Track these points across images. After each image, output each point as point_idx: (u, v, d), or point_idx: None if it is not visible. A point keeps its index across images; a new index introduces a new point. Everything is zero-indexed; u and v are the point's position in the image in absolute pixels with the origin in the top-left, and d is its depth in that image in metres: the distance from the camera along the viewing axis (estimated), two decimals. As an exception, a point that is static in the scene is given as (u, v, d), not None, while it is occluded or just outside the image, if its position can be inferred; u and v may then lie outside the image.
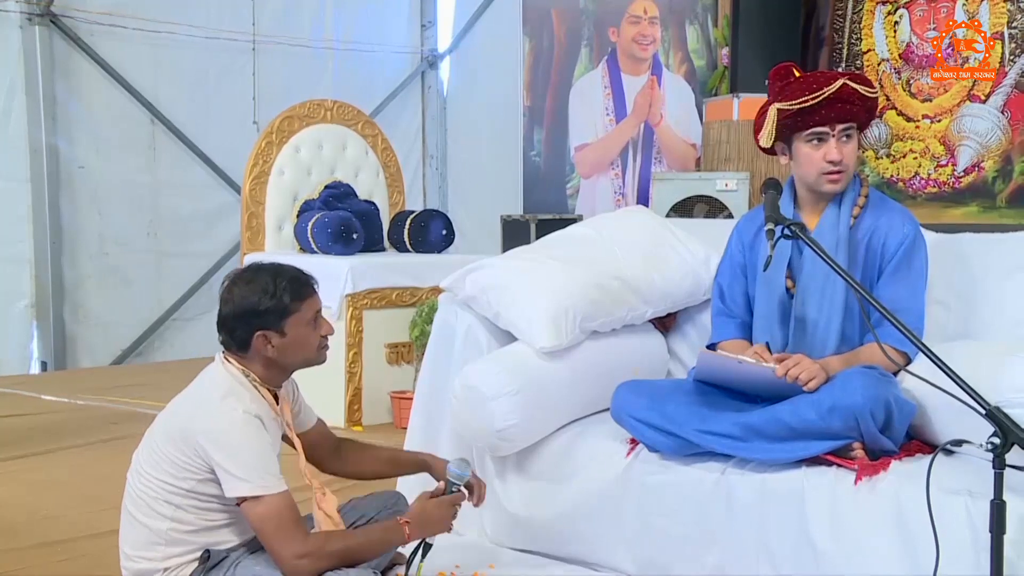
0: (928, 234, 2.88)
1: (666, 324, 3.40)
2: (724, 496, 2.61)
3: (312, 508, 2.41)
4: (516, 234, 6.09)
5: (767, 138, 2.82)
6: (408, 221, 5.40)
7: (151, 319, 6.83)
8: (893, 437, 2.50)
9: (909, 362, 2.61)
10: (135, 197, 6.72)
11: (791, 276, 2.81)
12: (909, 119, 6.00)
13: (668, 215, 5.56)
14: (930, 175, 5.94)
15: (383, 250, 5.46)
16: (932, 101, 5.92)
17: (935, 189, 5.93)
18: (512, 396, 2.85)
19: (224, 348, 2.36)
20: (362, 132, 5.67)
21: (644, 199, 6.52)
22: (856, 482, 2.43)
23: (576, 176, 7.05)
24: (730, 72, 6.26)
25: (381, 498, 2.61)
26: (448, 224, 5.46)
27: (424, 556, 2.45)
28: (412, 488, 2.83)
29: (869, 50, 6.12)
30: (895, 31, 6.04)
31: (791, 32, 6.09)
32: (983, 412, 1.97)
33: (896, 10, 6.03)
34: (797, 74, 2.78)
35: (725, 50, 6.37)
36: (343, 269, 4.75)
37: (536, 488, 2.98)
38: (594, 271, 3.15)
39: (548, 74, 7.16)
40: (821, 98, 2.69)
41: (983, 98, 5.73)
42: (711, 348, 2.95)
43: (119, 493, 2.36)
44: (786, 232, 2.48)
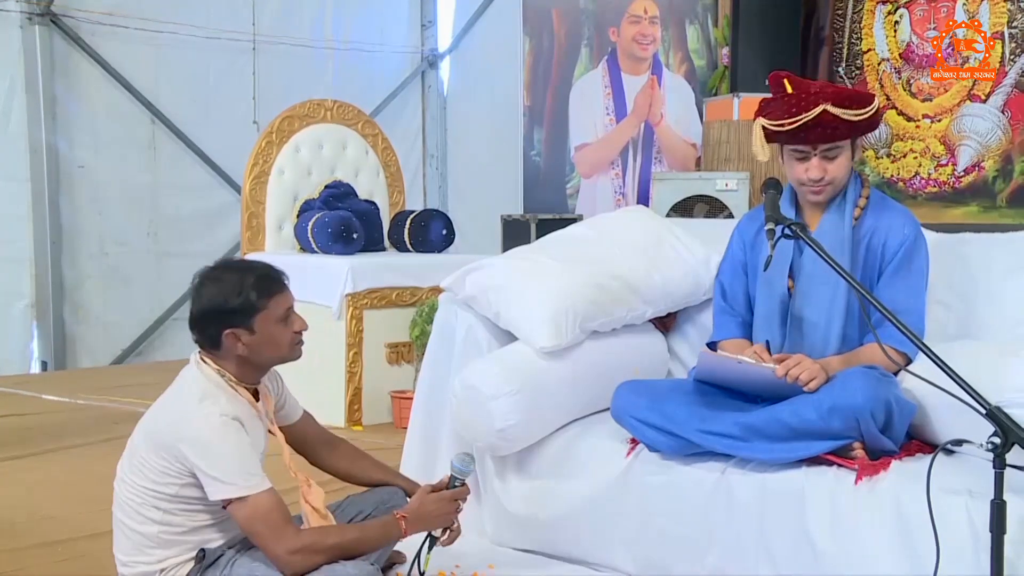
0: (928, 234, 2.88)
1: (666, 324, 3.40)
2: (724, 496, 2.60)
3: (300, 507, 2.40)
4: (516, 234, 6.08)
5: (759, 150, 2.83)
6: (408, 221, 5.40)
7: (151, 319, 6.82)
8: (893, 437, 2.50)
9: (909, 362, 2.60)
10: (135, 197, 6.71)
11: (792, 276, 2.81)
12: (909, 119, 5.99)
13: (668, 215, 5.56)
14: (930, 175, 5.94)
15: (383, 250, 5.46)
16: (932, 101, 5.92)
17: (935, 189, 5.92)
18: (512, 396, 2.86)
19: (199, 347, 2.36)
20: (362, 132, 5.67)
21: (644, 199, 6.51)
22: (856, 482, 2.43)
23: (576, 176, 7.04)
24: (730, 72, 6.26)
25: (379, 494, 2.59)
26: (448, 224, 5.46)
27: (431, 548, 2.43)
28: (416, 479, 2.79)
29: (869, 50, 6.12)
30: (895, 31, 6.04)
31: (791, 32, 6.08)
32: (983, 412, 1.97)
33: (896, 10, 6.03)
34: (788, 87, 2.72)
35: (725, 50, 6.36)
36: (343, 269, 4.75)
37: (536, 488, 2.97)
38: (594, 271, 3.15)
39: (548, 74, 7.15)
40: (798, 124, 2.67)
41: (983, 98, 5.73)
42: (712, 346, 2.95)
43: (119, 493, 2.35)
44: (786, 232, 2.48)
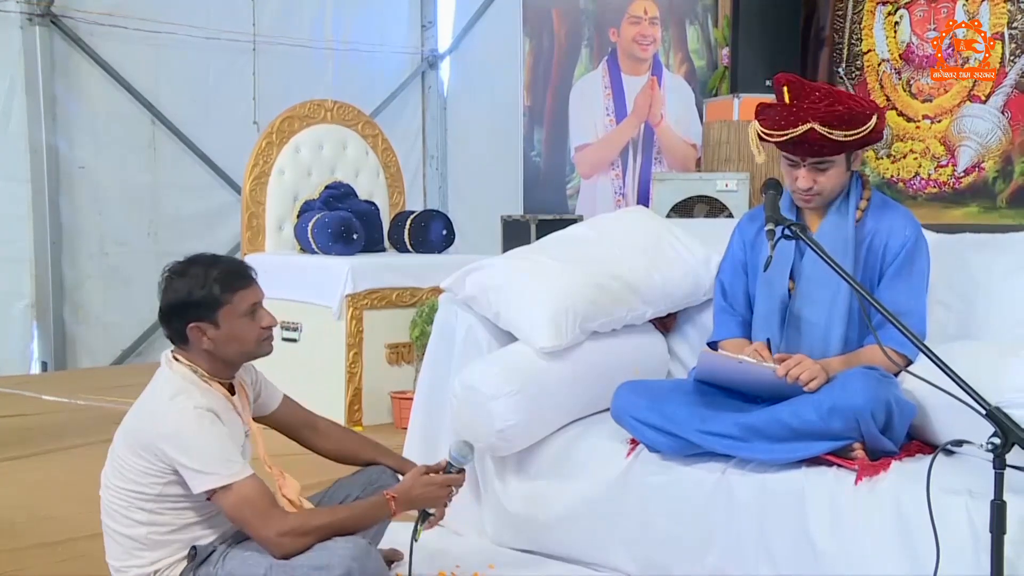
0: (929, 234, 2.88)
1: (666, 324, 3.40)
2: (724, 496, 2.60)
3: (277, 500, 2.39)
4: (516, 234, 6.08)
5: (756, 151, 2.83)
6: (408, 221, 5.40)
7: (151, 319, 6.79)
8: (893, 438, 2.50)
9: (910, 364, 2.60)
10: (135, 197, 6.71)
11: (792, 277, 2.80)
12: (909, 119, 5.99)
13: (668, 215, 5.56)
14: (930, 175, 5.93)
15: (383, 250, 5.46)
16: (932, 101, 5.92)
17: (935, 189, 5.92)
18: (512, 396, 2.86)
19: (171, 343, 2.36)
20: (362, 132, 5.67)
21: (644, 199, 6.51)
22: (856, 482, 2.43)
23: (576, 176, 7.04)
24: (730, 72, 6.25)
25: (367, 474, 2.58)
26: (448, 224, 5.46)
27: (423, 522, 2.44)
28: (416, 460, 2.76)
29: (869, 50, 6.12)
30: (895, 31, 6.04)
31: (791, 32, 6.08)
32: (983, 412, 1.97)
33: (896, 10, 6.02)
34: (786, 96, 2.69)
35: (725, 50, 6.36)
36: (343, 269, 4.75)
37: (536, 488, 2.97)
38: (594, 271, 3.15)
39: (548, 74, 7.15)
40: (784, 139, 2.67)
41: (983, 98, 5.73)
42: (712, 345, 2.95)
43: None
44: (786, 233, 2.48)
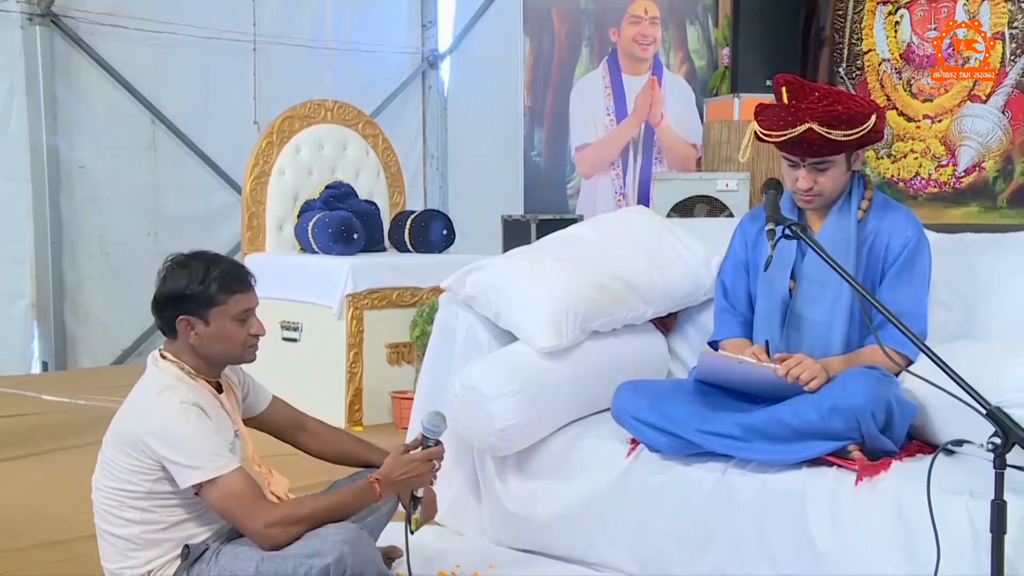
0: (929, 234, 2.88)
1: (667, 324, 3.40)
2: (724, 496, 2.60)
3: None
4: (517, 234, 6.07)
5: (744, 152, 2.83)
6: (409, 221, 5.40)
7: (151, 319, 6.78)
8: (894, 437, 2.50)
9: (910, 364, 2.60)
10: (136, 197, 6.71)
11: (793, 277, 2.80)
12: (910, 119, 5.99)
13: (669, 215, 5.55)
14: (931, 175, 5.93)
15: (384, 250, 5.46)
16: (933, 101, 5.91)
17: (936, 189, 5.92)
18: (512, 396, 2.86)
19: (162, 334, 2.40)
20: (363, 132, 5.67)
21: (645, 199, 6.51)
22: (857, 482, 2.43)
23: (577, 176, 7.04)
24: (731, 72, 6.25)
25: (362, 476, 2.55)
26: (449, 224, 5.46)
27: (416, 508, 2.43)
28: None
29: (870, 50, 6.11)
30: (896, 31, 6.03)
31: (791, 32, 6.07)
32: (984, 412, 1.97)
33: (897, 10, 6.02)
34: (784, 97, 2.69)
35: (726, 50, 6.35)
36: (344, 269, 4.75)
37: (536, 488, 2.97)
38: (594, 271, 3.15)
39: (549, 74, 7.15)
40: (784, 140, 2.66)
41: (984, 98, 5.72)
42: (713, 345, 2.94)
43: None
44: (787, 232, 2.48)
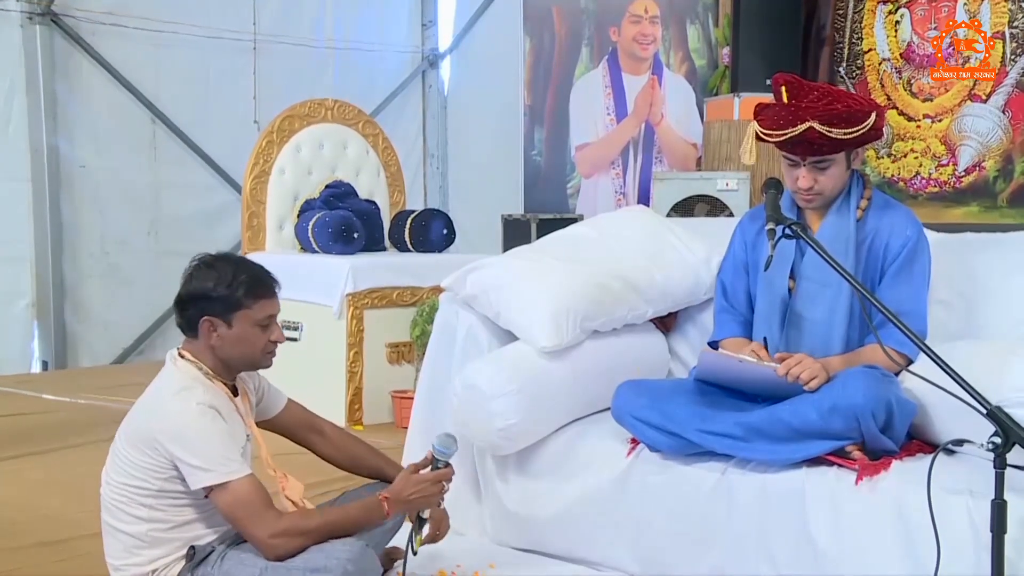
0: (929, 234, 2.88)
1: (667, 324, 3.40)
2: (725, 496, 2.60)
3: (280, 502, 2.41)
4: (517, 234, 6.08)
5: (746, 153, 2.83)
6: (409, 220, 5.40)
7: (152, 318, 6.81)
8: (894, 437, 2.49)
9: (910, 363, 2.60)
10: (136, 197, 6.70)
11: (793, 277, 2.80)
12: (910, 119, 5.99)
13: (669, 215, 5.55)
14: (931, 175, 5.93)
15: (384, 249, 5.46)
16: (933, 101, 5.91)
17: (936, 189, 5.91)
18: (513, 395, 2.85)
19: (180, 332, 2.39)
20: (363, 131, 5.67)
21: (645, 199, 6.51)
22: (857, 482, 2.43)
23: (577, 176, 7.04)
24: (731, 72, 6.25)
25: (374, 489, 2.56)
26: (449, 223, 5.46)
27: (420, 529, 2.44)
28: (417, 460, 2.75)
29: (870, 50, 6.11)
30: (896, 31, 6.03)
31: (792, 32, 6.07)
32: (984, 412, 1.97)
33: (897, 10, 6.02)
34: (784, 96, 2.69)
35: (726, 50, 6.35)
36: (344, 268, 4.75)
37: (536, 488, 2.97)
38: (595, 271, 3.15)
39: (549, 73, 7.15)
40: (784, 139, 2.66)
41: (984, 98, 5.72)
42: (713, 345, 2.94)
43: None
44: (787, 232, 2.47)
